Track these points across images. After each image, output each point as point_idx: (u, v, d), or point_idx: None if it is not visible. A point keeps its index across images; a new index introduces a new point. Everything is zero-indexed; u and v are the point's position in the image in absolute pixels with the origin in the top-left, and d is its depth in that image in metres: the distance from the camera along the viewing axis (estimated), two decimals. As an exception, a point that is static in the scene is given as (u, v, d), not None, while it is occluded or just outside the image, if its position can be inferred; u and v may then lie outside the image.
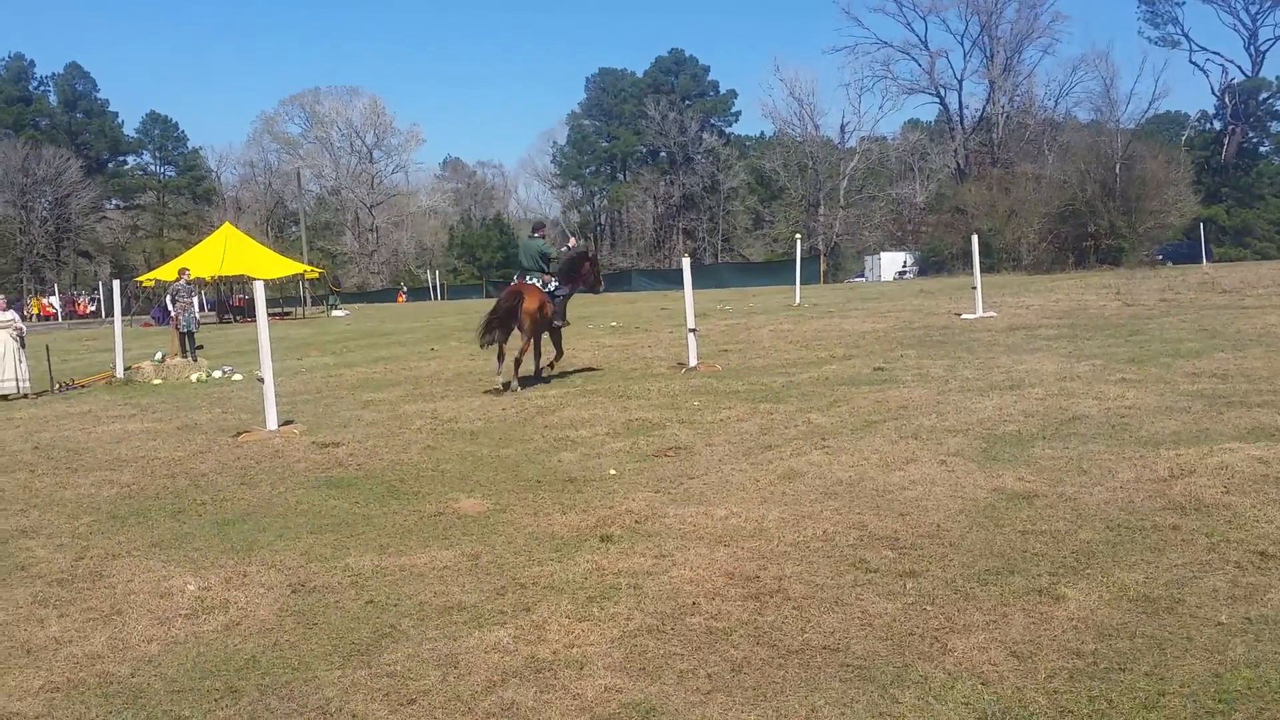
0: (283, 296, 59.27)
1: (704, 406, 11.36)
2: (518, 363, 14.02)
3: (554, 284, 14.64)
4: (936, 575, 5.50)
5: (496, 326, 13.80)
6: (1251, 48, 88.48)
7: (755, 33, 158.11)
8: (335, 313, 51.22)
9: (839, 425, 9.77)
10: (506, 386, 13.71)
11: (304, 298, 59.10)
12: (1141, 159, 53.43)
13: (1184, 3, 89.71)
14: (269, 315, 12.13)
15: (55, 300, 75.74)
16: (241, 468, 9.58)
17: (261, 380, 11.52)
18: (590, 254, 16.84)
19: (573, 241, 16.43)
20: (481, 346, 14.13)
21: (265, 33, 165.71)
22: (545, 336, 14.98)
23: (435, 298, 79.09)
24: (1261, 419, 8.54)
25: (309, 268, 55.66)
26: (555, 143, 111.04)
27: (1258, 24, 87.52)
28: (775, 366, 14.63)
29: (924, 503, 6.88)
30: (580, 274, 15.24)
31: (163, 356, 20.11)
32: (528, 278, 14.52)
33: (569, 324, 15.45)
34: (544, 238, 15.13)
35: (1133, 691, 4.05)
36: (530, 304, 13.92)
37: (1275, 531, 5.77)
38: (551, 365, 15.20)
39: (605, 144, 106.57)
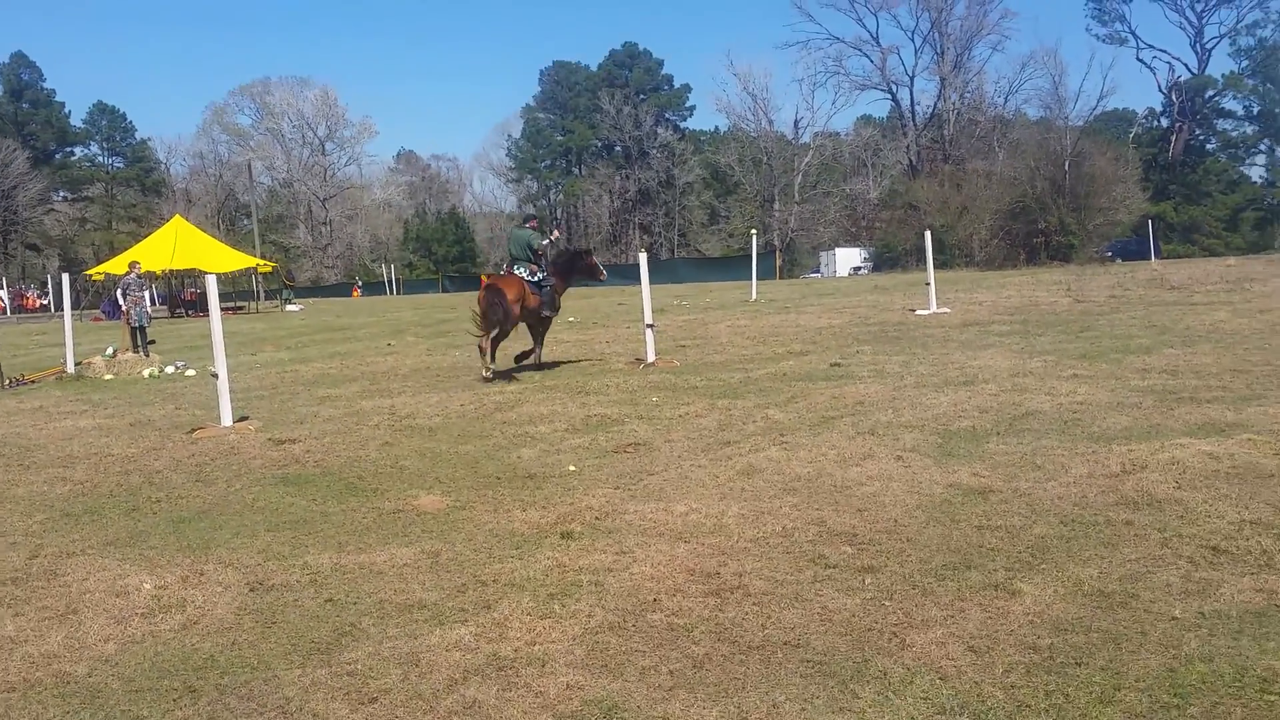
0: (235, 291, 58.64)
1: (663, 402, 11.38)
2: (482, 350, 14.35)
3: (540, 274, 14.88)
4: (894, 571, 5.55)
5: (494, 324, 14.20)
6: (1198, 45, 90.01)
7: (708, 26, 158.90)
8: (289, 307, 50.76)
9: (797, 421, 9.82)
10: (494, 376, 14.05)
11: (257, 292, 58.48)
12: (1090, 156, 54.13)
13: (1131, 0, 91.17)
14: (222, 310, 12.00)
15: (3, 294, 74.38)
16: (196, 465, 9.47)
17: (215, 376, 11.40)
18: (587, 250, 18.02)
19: (556, 234, 16.68)
20: (481, 336, 14.46)
21: (214, 22, 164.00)
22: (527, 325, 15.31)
23: (391, 292, 78.49)
24: (1211, 414, 8.68)
25: (262, 261, 55.11)
26: (510, 136, 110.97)
27: (1204, 22, 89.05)
28: (733, 362, 14.68)
29: (881, 498, 6.94)
30: (580, 269, 15.75)
31: (114, 351, 19.84)
32: (516, 267, 14.88)
33: (558, 311, 15.73)
34: (535, 229, 15.39)
35: (1089, 686, 4.11)
36: (510, 295, 14.24)
37: (1226, 526, 5.87)
38: (529, 355, 15.34)
39: (560, 137, 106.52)
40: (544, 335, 15.56)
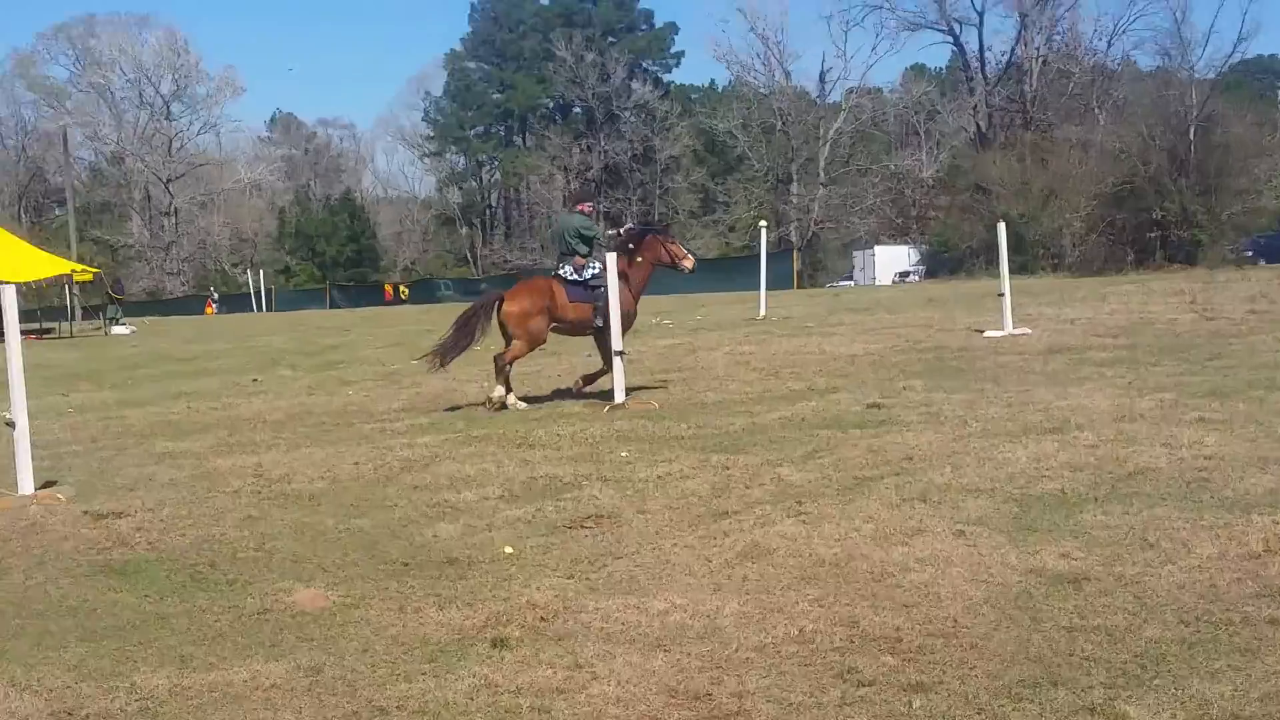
0: (42, 308, 58.40)
1: (635, 459, 11.37)
2: (499, 371, 15.19)
3: (592, 269, 15.27)
4: (953, 689, 5.55)
5: (455, 339, 15.13)
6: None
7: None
8: (116, 329, 50.55)
9: (820, 484, 9.83)
10: (498, 403, 14.93)
11: (72, 309, 58.22)
12: (1225, 120, 54.41)
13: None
14: (23, 334, 11.95)
15: None
16: (-16, 548, 9.41)
17: (12, 425, 11.33)
18: (663, 225, 18.33)
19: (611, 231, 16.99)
20: (431, 370, 15.74)
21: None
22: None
23: (259, 308, 78.40)
24: (1386, 473, 8.73)
25: (79, 266, 54.91)
26: (428, 93, 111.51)
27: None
28: (733, 403, 14.69)
29: (935, 590, 6.94)
30: (655, 251, 15.75)
31: None
32: (562, 264, 15.44)
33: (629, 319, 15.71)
34: (587, 213, 16.22)
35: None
36: (513, 305, 15.01)
37: (1405, 625, 5.90)
38: (588, 380, 15.93)
39: (497, 95, 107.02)
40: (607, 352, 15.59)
